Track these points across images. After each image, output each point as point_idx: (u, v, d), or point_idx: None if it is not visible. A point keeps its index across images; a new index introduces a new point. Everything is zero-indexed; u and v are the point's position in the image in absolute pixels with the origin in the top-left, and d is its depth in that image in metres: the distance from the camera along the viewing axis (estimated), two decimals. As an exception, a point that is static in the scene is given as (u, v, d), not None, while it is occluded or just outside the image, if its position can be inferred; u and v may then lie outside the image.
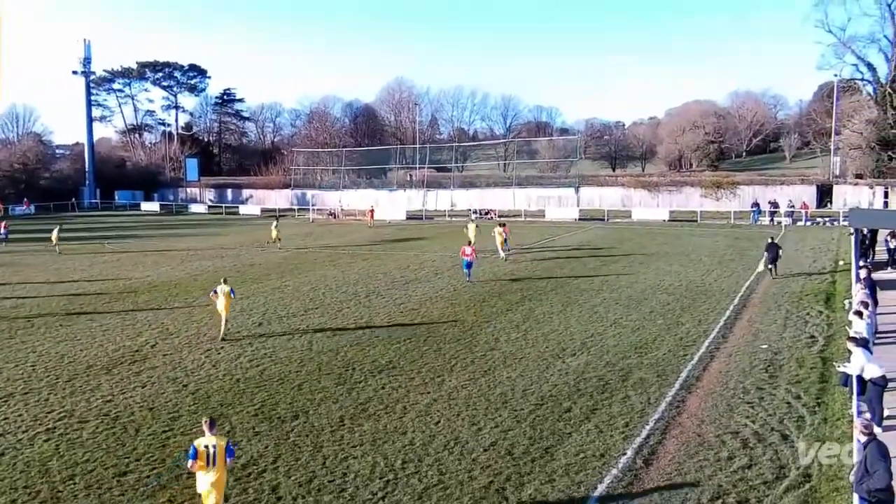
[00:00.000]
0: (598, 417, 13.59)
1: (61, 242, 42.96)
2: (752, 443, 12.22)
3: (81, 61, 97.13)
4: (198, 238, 51.54)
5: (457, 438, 12.73)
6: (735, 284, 27.46)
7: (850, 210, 47.41)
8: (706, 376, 16.04)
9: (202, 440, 9.62)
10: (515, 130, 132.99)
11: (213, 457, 9.45)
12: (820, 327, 20.13)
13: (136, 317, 23.75)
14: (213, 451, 9.46)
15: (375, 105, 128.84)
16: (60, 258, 39.89)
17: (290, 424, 13.52)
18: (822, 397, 14.31)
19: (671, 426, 13.11)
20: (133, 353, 18.90)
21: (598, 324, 21.37)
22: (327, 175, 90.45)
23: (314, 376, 16.57)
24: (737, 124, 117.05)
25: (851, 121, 71.99)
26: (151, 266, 36.44)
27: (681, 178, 79.71)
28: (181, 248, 43.91)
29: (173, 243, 47.73)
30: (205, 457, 9.44)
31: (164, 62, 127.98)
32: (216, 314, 21.13)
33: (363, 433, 13.04)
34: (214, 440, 9.59)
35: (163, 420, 13.88)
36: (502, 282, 29.15)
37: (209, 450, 9.47)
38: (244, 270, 34.32)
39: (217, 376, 16.73)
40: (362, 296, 26.75)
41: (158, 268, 35.75)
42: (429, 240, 48.05)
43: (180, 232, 57.55)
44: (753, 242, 41.08)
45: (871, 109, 71.08)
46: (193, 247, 44.93)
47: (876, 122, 68.34)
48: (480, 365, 17.24)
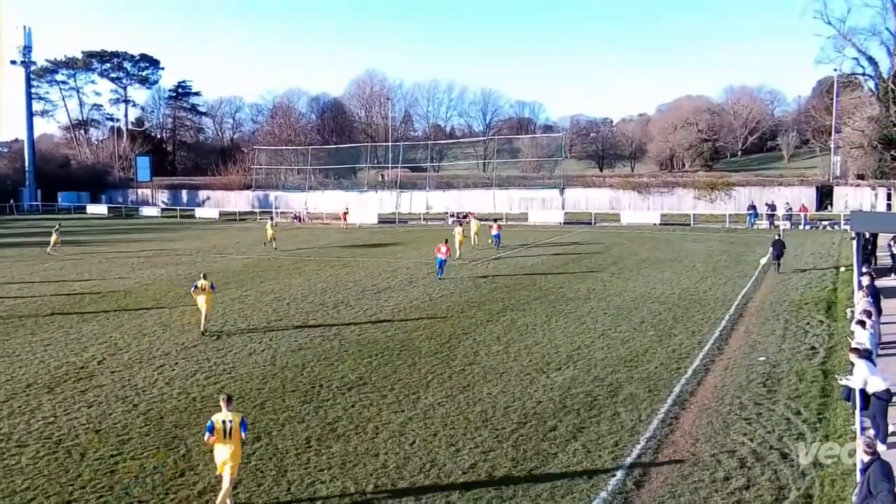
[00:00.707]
0: (585, 436, 13.64)
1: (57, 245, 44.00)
2: (750, 462, 12.33)
3: (21, 50, 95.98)
4: (150, 243, 51.03)
5: (433, 461, 12.71)
6: (731, 292, 27.75)
7: (851, 213, 48.09)
8: (701, 391, 16.16)
9: (219, 416, 11.15)
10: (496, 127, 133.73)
11: (230, 431, 10.98)
12: (821, 338, 20.39)
13: (82, 330, 23.42)
14: (230, 426, 10.99)
15: (344, 99, 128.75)
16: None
17: (251, 447, 13.39)
18: (824, 413, 14.49)
19: (664, 445, 13.19)
20: (78, 370, 18.62)
21: (585, 335, 21.47)
22: (292, 175, 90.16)
23: (278, 394, 16.45)
24: (732, 121, 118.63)
25: (852, 118, 73.03)
26: (98, 274, 35.98)
27: (673, 178, 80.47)
28: (132, 255, 43.42)
29: (123, 249, 47.18)
30: (221, 431, 10.95)
31: (113, 52, 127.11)
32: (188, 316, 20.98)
33: (332, 455, 12.96)
34: (230, 416, 11.14)
35: (111, 443, 13.69)
36: (482, 290, 29.21)
37: (225, 425, 10.99)
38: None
39: (171, 395, 16.54)
40: (330, 306, 26.64)
41: (106, 276, 35.30)
42: (403, 245, 48.02)
43: (131, 237, 56.92)
44: (750, 248, 41.61)
45: (872, 106, 72.12)
46: (145, 253, 44.47)
47: (878, 119, 69.38)
48: (459, 380, 17.23)
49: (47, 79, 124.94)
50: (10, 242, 52.72)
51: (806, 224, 54.92)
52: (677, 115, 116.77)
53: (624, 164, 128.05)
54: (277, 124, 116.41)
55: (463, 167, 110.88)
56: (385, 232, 59.83)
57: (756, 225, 56.32)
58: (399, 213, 74.20)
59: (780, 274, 31.55)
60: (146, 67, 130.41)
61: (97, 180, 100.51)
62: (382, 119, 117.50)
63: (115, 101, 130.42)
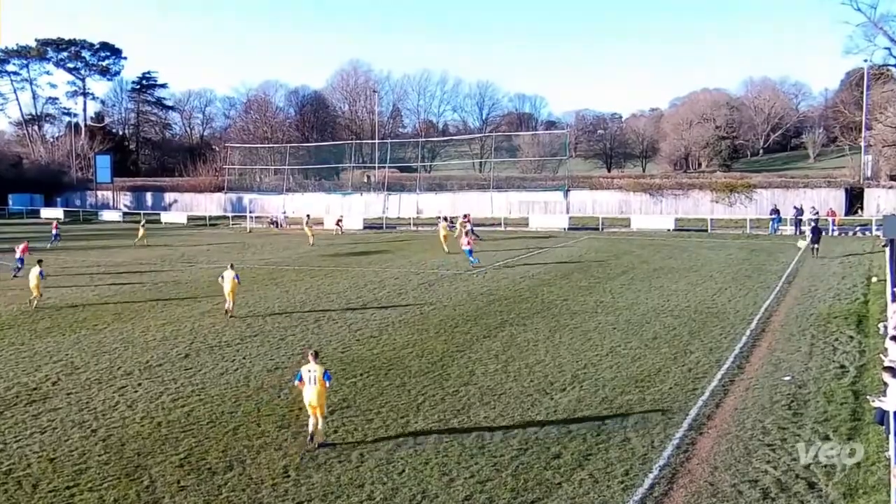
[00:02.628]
0: (592, 464, 13.63)
1: None
2: (774, 493, 12.34)
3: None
4: (111, 251, 50.97)
5: (424, 492, 12.69)
6: (752, 305, 27.84)
7: (884, 217, 48.35)
8: (719, 414, 16.18)
9: (306, 367, 15.00)
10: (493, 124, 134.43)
11: (314, 379, 14.72)
12: (851, 355, 20.44)
13: (35, 347, 23.33)
14: (313, 376, 14.75)
15: (326, 92, 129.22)
16: None
17: (222, 477, 13.36)
18: (855, 437, 14.53)
19: (679, 474, 13.19)
20: (30, 392, 18.53)
21: (592, 353, 21.49)
22: (268, 176, 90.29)
23: (252, 418, 16.40)
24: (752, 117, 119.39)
25: (884, 113, 73.34)
26: (53, 286, 35.83)
27: (688, 179, 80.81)
28: (90, 264, 43.31)
29: (80, 258, 47.07)
30: (307, 380, 14.80)
31: (71, 40, 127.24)
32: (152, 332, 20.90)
33: (312, 486, 12.93)
34: (315, 367, 14.85)
35: (66, 473, 13.61)
36: (478, 303, 29.23)
37: (310, 374, 14.80)
38: (166, 290, 33.96)
39: (134, 419, 16.48)
40: (310, 321, 26.62)
41: (62, 287, 35.19)
42: (391, 253, 48.05)
43: (89, 244, 56.82)
44: (773, 256, 41.81)
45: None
46: (105, 262, 44.36)
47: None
48: (453, 403, 17.22)
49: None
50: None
51: (834, 229, 55.12)
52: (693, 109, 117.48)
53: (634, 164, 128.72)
54: (252, 120, 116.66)
55: (457, 167, 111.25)
56: (371, 239, 59.87)
57: (779, 231, 56.51)
58: (387, 218, 74.27)
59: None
60: (107, 57, 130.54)
61: (52, 181, 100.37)
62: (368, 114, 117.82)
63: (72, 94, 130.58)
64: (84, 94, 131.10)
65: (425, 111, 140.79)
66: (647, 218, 65.67)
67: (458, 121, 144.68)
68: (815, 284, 31.96)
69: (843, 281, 32.84)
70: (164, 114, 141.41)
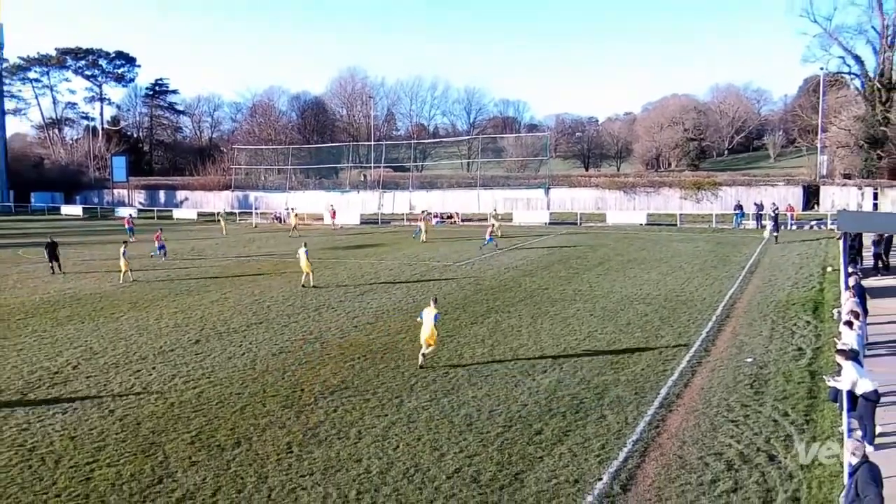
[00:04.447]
0: (571, 440, 13.67)
1: None
2: (738, 465, 12.41)
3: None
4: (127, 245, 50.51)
5: (417, 465, 12.70)
6: (718, 293, 27.93)
7: (838, 213, 48.58)
8: (687, 393, 16.25)
9: (426, 309, 18.71)
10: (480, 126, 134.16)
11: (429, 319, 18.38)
12: (808, 339, 20.56)
13: (56, 334, 23.22)
14: (430, 316, 18.40)
15: (325, 98, 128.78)
16: None
17: (231, 453, 13.34)
18: (811, 414, 14.60)
19: (650, 448, 13.25)
20: (52, 376, 18.46)
21: (570, 337, 21.54)
22: (272, 175, 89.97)
23: (258, 399, 16.38)
24: (718, 120, 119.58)
25: (839, 117, 73.81)
26: (74, 277, 35.69)
27: (659, 178, 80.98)
28: (107, 257, 43.07)
29: (98, 252, 46.84)
30: (425, 318, 18.46)
31: (88, 49, 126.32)
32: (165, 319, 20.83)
33: (313, 461, 12.93)
34: (432, 310, 18.59)
35: (86, 450, 13.58)
36: (466, 292, 29.23)
37: (427, 314, 18.48)
38: (178, 281, 33.83)
39: (148, 400, 16.44)
40: (312, 308, 26.57)
41: (81, 279, 35.03)
42: (386, 246, 47.99)
43: (107, 238, 56.43)
44: (737, 248, 41.94)
45: (858, 105, 73.00)
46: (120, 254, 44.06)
47: (864, 118, 70.21)
48: (443, 384, 17.23)
49: (20, 76, 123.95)
50: (-19, 244, 52.22)
51: (792, 224, 55.33)
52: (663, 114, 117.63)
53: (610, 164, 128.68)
54: (257, 123, 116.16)
55: (447, 167, 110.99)
56: (367, 233, 59.77)
57: (743, 225, 56.68)
58: (382, 214, 74.17)
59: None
60: (122, 65, 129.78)
61: (72, 181, 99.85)
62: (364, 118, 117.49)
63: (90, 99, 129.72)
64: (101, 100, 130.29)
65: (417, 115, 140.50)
66: (621, 213, 65.77)
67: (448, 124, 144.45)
68: (775, 274, 32.09)
69: (801, 271, 32.98)
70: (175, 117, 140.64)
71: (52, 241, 37.48)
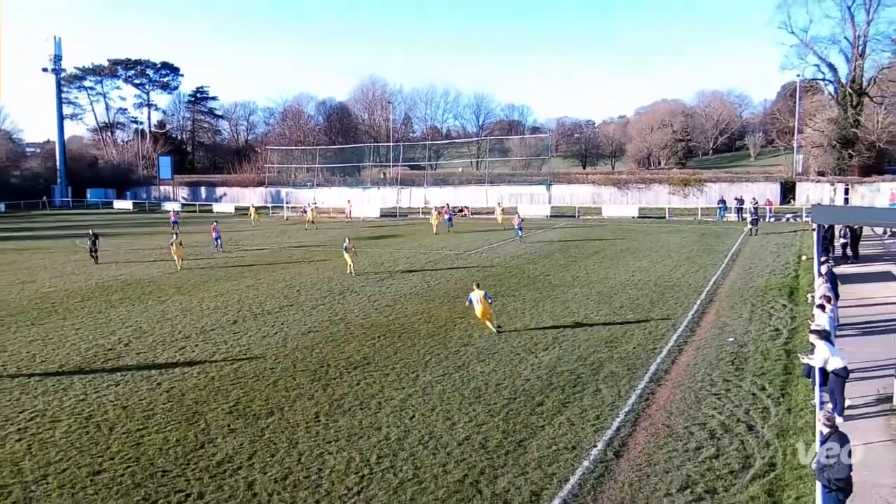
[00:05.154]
0: (569, 411, 13.67)
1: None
2: (720, 433, 12.38)
3: (51, 58, 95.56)
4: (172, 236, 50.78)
5: (431, 433, 12.73)
6: (702, 279, 27.79)
7: (812, 206, 48.21)
8: (675, 369, 16.21)
9: (473, 293, 19.73)
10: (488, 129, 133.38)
11: (479, 300, 19.37)
12: (784, 321, 20.44)
13: (110, 315, 23.41)
14: (478, 297, 19.42)
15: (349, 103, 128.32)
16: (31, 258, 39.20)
17: (265, 421, 13.42)
18: (787, 388, 14.54)
19: (641, 418, 13.23)
20: (106, 352, 18.62)
21: (569, 318, 21.49)
22: (301, 173, 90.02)
23: (289, 373, 16.46)
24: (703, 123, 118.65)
25: (813, 120, 73.19)
26: (124, 264, 35.93)
27: (649, 175, 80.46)
28: (154, 247, 43.33)
29: (146, 242, 47.11)
30: (475, 300, 19.45)
31: (136, 60, 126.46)
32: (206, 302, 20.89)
33: (338, 429, 12.98)
34: (479, 292, 19.58)
35: (137, 418, 13.70)
36: (475, 278, 29.11)
37: (475, 296, 19.47)
38: (217, 268, 33.99)
39: (192, 374, 16.55)
40: (337, 293, 26.63)
41: (131, 265, 35.26)
42: (403, 237, 47.99)
43: (154, 230, 56.77)
44: (720, 239, 41.70)
45: (832, 109, 72.41)
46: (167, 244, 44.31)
47: (836, 120, 69.63)
48: (454, 360, 17.25)
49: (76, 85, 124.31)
50: (44, 235, 52.66)
51: (771, 216, 54.97)
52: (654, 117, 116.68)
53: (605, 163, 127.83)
54: (288, 126, 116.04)
55: (458, 165, 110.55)
56: (387, 225, 59.79)
57: (725, 217, 56.35)
58: (399, 208, 74.12)
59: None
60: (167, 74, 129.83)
61: (123, 178, 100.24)
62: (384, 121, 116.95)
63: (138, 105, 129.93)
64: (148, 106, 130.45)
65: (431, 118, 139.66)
66: (615, 207, 65.41)
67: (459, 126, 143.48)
68: (755, 262, 31.90)
69: (778, 259, 32.77)
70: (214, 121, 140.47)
71: (93, 233, 37.61)
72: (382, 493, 10.52)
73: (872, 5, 67.29)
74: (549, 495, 10.36)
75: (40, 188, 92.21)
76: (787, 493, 10.21)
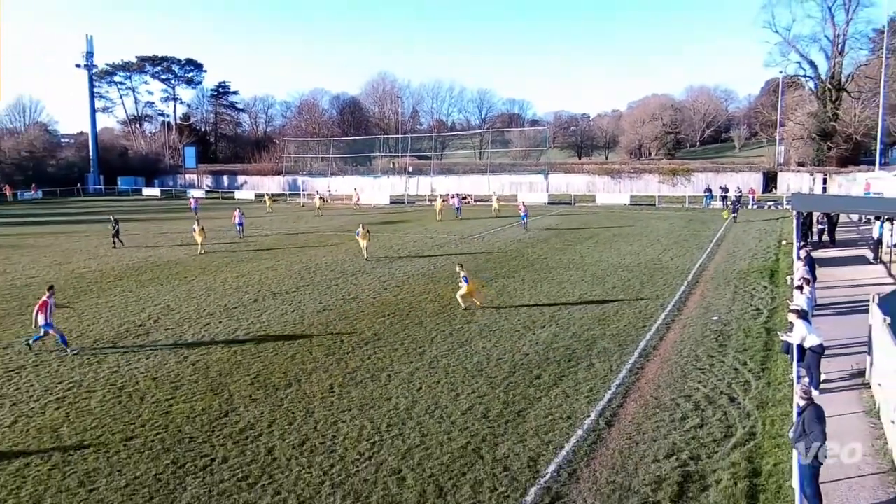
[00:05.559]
0: (565, 383, 13.72)
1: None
2: (704, 405, 12.41)
3: (84, 55, 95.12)
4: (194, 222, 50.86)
5: (437, 403, 12.80)
6: (689, 262, 27.74)
7: (792, 195, 47.97)
8: (663, 345, 16.23)
9: (460, 270, 20.52)
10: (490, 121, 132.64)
11: (466, 279, 19.85)
12: (764, 301, 20.42)
13: (140, 294, 23.50)
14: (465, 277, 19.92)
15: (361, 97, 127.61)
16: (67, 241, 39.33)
17: (283, 392, 13.51)
18: (766, 364, 14.55)
19: (631, 391, 13.27)
20: (137, 328, 18.72)
21: (565, 298, 21.50)
22: (316, 162, 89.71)
23: (305, 348, 16.53)
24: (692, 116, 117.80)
25: (795, 113, 72.72)
26: (153, 247, 36.02)
27: (640, 165, 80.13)
28: (181, 231, 43.38)
29: (173, 226, 47.16)
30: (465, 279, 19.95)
31: (163, 56, 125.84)
32: (229, 282, 20.94)
33: (351, 399, 13.06)
34: (462, 272, 20.17)
35: (166, 389, 13.80)
36: (478, 261, 29.21)
37: (463, 275, 19.96)
38: (238, 252, 34.05)
39: (216, 348, 16.63)
40: (349, 274, 26.67)
41: (160, 248, 35.35)
42: (411, 222, 47.96)
43: (179, 215, 56.77)
44: (706, 225, 41.57)
45: (812, 103, 71.94)
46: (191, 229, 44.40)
47: (816, 114, 69.18)
48: (458, 336, 17.30)
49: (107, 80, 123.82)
50: (78, 220, 52.76)
51: (754, 204, 54.74)
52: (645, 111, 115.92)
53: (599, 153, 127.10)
54: (304, 119, 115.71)
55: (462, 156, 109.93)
56: (396, 211, 59.71)
57: (711, 205, 56.11)
58: (408, 195, 73.97)
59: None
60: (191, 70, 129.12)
61: (151, 167, 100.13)
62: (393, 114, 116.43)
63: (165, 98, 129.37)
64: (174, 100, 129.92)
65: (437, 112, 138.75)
66: (608, 195, 65.16)
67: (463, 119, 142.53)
68: (738, 246, 31.81)
69: (760, 243, 32.67)
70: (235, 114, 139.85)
71: (115, 219, 37.51)
72: (392, 458, 10.60)
73: (852, 6, 66.76)
74: (546, 461, 10.42)
75: (75, 176, 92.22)
76: (765, 460, 10.25)
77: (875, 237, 28.35)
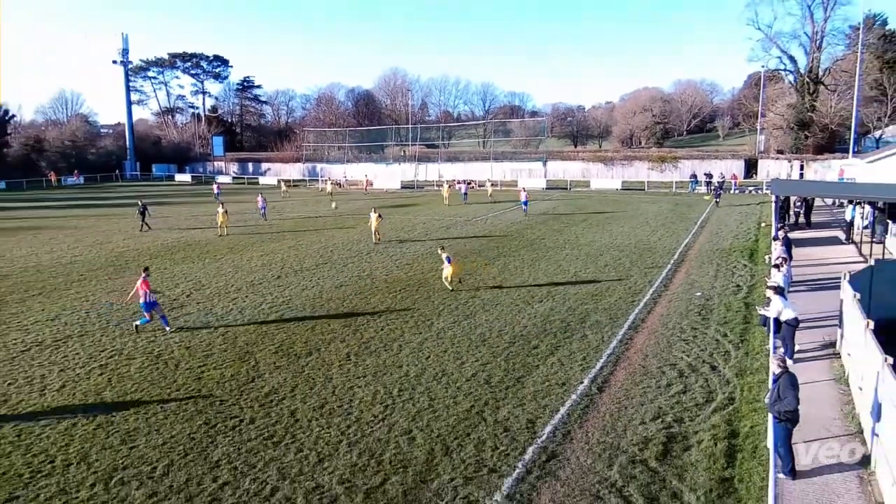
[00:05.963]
0: (560, 353, 13.76)
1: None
2: (687, 373, 12.45)
3: (120, 52, 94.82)
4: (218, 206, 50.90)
5: (444, 370, 12.88)
6: (675, 242, 27.64)
7: (772, 180, 47.60)
8: (650, 318, 16.23)
9: (444, 255, 19.87)
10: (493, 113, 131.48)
11: (449, 261, 19.39)
12: (744, 278, 20.36)
13: (174, 271, 23.62)
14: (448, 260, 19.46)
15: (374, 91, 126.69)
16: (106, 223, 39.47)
17: (304, 360, 13.61)
18: (745, 335, 14.55)
19: (621, 360, 13.31)
20: (171, 301, 18.84)
21: (561, 275, 21.49)
22: (333, 151, 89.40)
23: (324, 320, 16.61)
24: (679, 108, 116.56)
25: (775, 105, 71.90)
26: (185, 229, 36.12)
27: (632, 153, 79.49)
28: (210, 213, 43.42)
29: (203, 209, 47.22)
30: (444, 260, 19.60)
31: (192, 53, 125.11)
32: (255, 260, 21.01)
33: (366, 367, 13.15)
34: (444, 255, 19.84)
35: (198, 357, 13.92)
36: (481, 241, 29.19)
37: (446, 256, 19.66)
38: (262, 233, 34.11)
39: (243, 320, 16.74)
40: (364, 253, 26.70)
41: (191, 230, 35.44)
42: (420, 206, 47.85)
43: (208, 199, 56.86)
44: (691, 208, 41.31)
45: (791, 95, 71.04)
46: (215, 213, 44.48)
47: (795, 106, 68.37)
48: (463, 310, 17.34)
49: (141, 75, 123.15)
50: (116, 203, 52.91)
51: (736, 189, 54.36)
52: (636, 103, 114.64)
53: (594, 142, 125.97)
54: (322, 111, 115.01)
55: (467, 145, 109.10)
56: (406, 196, 59.58)
57: (696, 190, 55.74)
58: (417, 181, 73.72)
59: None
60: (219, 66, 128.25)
61: (182, 155, 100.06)
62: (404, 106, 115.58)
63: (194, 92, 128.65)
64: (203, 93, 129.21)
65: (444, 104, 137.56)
66: (602, 181, 64.79)
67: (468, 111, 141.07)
68: (721, 228, 31.64)
69: (741, 225, 32.49)
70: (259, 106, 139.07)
71: (143, 203, 37.16)
72: (403, 420, 10.69)
73: (829, 4, 65.62)
74: (543, 423, 10.49)
75: (113, 163, 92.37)
76: (743, 423, 10.29)
77: (847, 220, 28.17)
